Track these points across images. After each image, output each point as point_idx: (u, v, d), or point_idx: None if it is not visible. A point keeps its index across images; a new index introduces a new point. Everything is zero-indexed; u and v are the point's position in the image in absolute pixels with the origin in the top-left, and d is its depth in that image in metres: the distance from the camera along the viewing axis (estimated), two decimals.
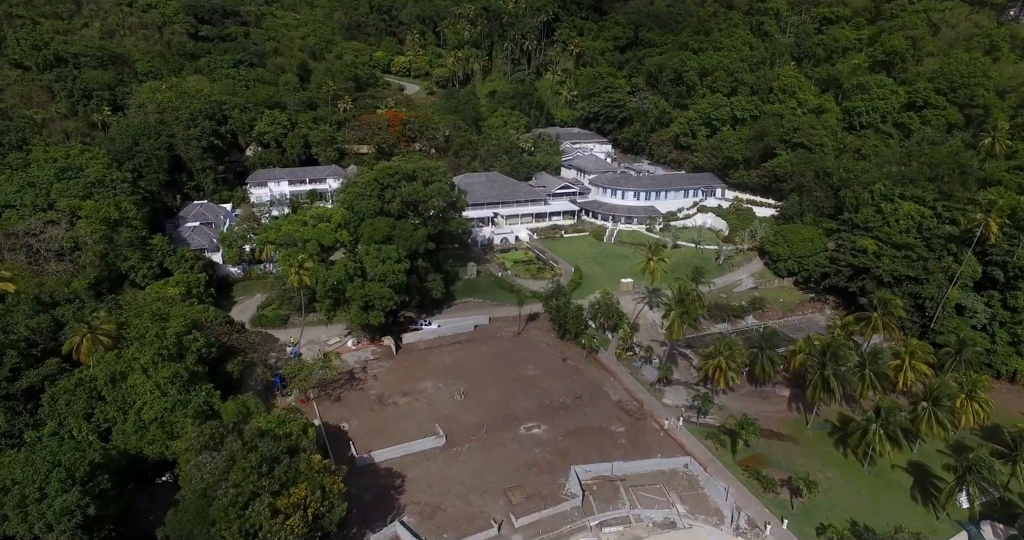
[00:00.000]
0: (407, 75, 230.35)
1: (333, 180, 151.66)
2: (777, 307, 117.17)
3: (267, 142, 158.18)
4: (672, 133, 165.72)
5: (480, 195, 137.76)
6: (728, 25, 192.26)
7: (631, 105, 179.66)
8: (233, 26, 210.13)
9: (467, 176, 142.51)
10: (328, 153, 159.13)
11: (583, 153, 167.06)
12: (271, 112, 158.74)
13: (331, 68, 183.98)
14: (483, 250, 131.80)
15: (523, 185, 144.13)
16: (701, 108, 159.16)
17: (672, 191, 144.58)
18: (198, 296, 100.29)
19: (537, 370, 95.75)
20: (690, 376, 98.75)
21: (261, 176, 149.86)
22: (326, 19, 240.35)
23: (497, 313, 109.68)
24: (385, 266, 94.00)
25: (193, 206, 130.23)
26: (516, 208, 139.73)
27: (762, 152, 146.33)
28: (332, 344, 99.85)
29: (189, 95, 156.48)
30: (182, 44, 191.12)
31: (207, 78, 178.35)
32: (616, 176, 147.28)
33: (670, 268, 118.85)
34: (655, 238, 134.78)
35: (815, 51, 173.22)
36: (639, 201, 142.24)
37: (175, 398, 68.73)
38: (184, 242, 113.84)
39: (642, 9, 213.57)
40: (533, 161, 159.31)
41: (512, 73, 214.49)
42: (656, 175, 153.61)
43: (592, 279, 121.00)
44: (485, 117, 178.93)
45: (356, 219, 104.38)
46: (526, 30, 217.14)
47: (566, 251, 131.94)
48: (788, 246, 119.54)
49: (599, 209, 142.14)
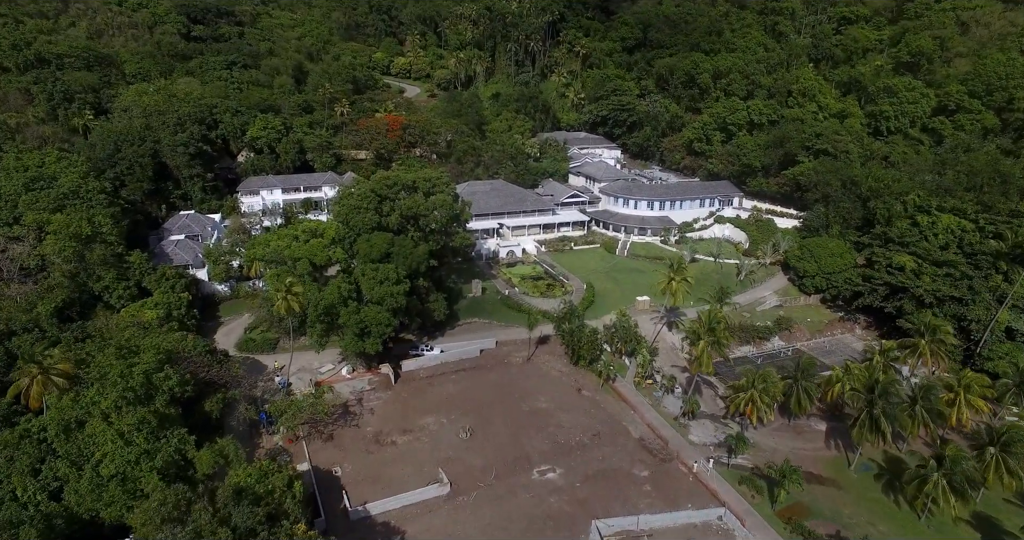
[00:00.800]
0: (407, 77, 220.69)
1: (329, 188, 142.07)
2: (804, 327, 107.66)
3: (260, 148, 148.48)
4: (685, 138, 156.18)
5: (484, 205, 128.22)
6: (741, 25, 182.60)
7: (641, 109, 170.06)
8: (227, 26, 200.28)
9: (470, 184, 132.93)
10: (324, 159, 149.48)
11: (592, 159, 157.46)
12: (264, 116, 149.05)
13: (328, 70, 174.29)
14: (488, 264, 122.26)
15: (530, 194, 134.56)
16: (716, 112, 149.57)
17: (687, 200, 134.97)
18: (179, 318, 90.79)
19: (550, 402, 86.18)
20: (715, 407, 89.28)
21: (253, 184, 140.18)
22: (324, 19, 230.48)
23: (504, 335, 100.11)
24: (383, 288, 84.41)
25: (179, 217, 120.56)
26: (523, 218, 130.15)
27: (782, 159, 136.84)
28: (325, 372, 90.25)
29: (178, 98, 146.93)
30: (173, 44, 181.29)
31: (198, 80, 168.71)
32: (628, 184, 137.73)
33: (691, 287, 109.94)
34: (671, 251, 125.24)
35: (833, 52, 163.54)
36: (653, 211, 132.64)
37: (141, 448, 59.14)
38: (166, 258, 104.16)
39: (650, 9, 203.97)
40: (539, 168, 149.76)
41: (516, 75, 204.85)
42: (670, 183, 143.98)
43: (606, 297, 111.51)
44: (488, 121, 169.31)
45: (351, 234, 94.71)
46: (530, 31, 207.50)
47: (576, 265, 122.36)
48: (815, 261, 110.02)
49: (610, 219, 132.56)
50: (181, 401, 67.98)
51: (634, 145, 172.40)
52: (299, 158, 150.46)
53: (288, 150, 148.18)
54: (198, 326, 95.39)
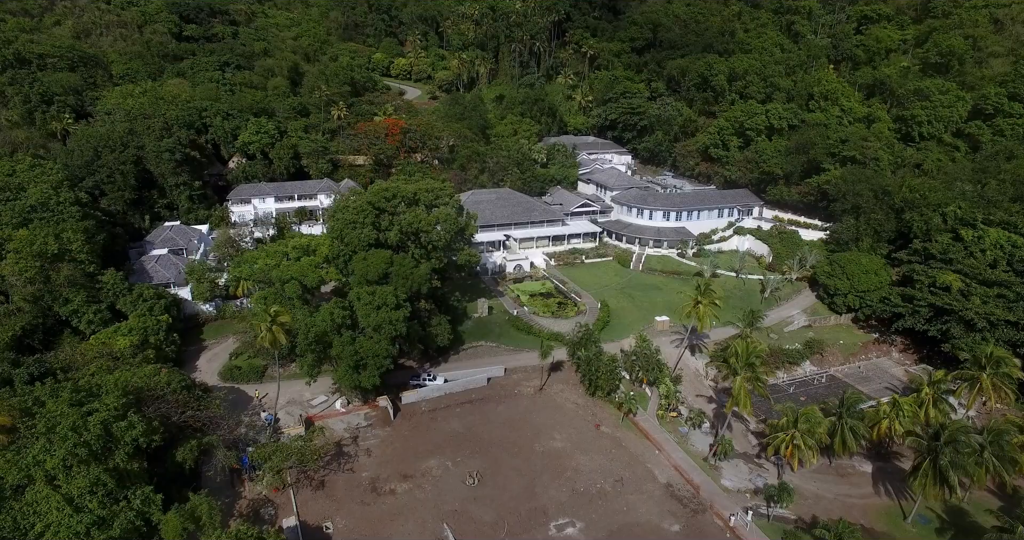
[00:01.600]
0: (408, 78, 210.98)
1: (324, 196, 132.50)
2: (837, 350, 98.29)
3: (252, 153, 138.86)
4: (700, 143, 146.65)
5: (490, 215, 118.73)
6: (756, 25, 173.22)
7: (652, 112, 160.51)
8: (220, 26, 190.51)
9: (475, 193, 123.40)
10: (320, 165, 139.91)
11: (602, 165, 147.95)
12: (257, 120, 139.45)
13: (325, 71, 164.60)
14: (494, 279, 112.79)
15: (538, 203, 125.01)
16: (733, 116, 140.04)
17: (704, 210, 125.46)
18: (156, 345, 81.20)
19: (566, 441, 76.70)
20: (747, 444, 79.96)
21: (244, 192, 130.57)
22: (322, 19, 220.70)
23: (514, 361, 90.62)
24: (380, 314, 74.92)
25: (162, 229, 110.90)
26: (531, 230, 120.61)
27: (805, 166, 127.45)
28: (316, 405, 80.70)
29: (165, 101, 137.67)
30: (163, 44, 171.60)
31: (189, 81, 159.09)
32: (642, 193, 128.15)
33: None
34: (689, 265, 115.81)
35: (855, 53, 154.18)
36: (668, 222, 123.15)
37: (94, 515, 49.74)
38: (146, 275, 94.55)
39: (660, 9, 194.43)
40: (547, 175, 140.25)
41: (520, 77, 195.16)
42: (685, 192, 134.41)
43: (622, 316, 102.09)
44: (493, 125, 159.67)
45: (346, 251, 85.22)
46: (535, 31, 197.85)
47: (588, 280, 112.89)
48: (847, 278, 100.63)
49: (623, 231, 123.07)
50: (148, 451, 58.55)
51: (645, 150, 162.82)
52: (294, 164, 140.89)
53: (282, 156, 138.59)
54: (178, 352, 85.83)
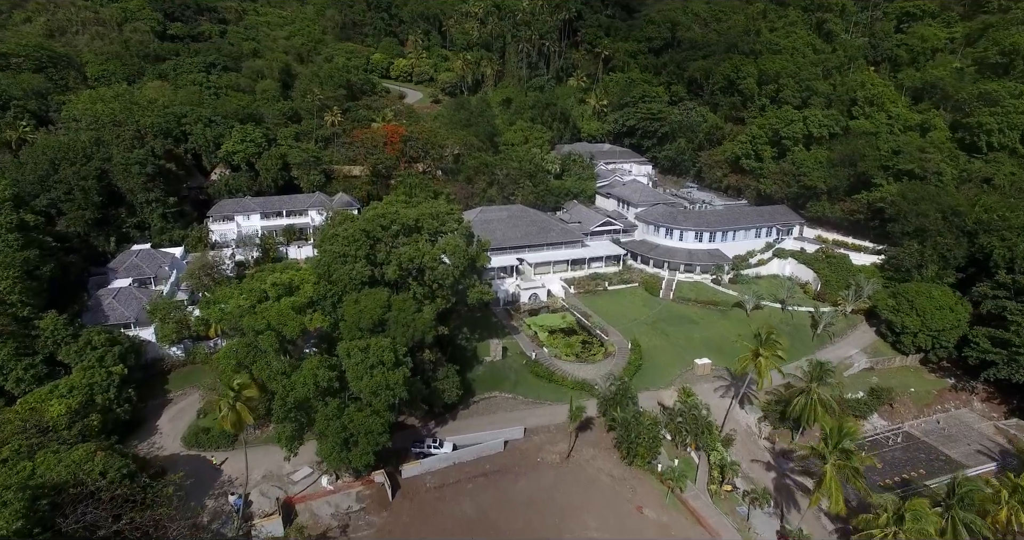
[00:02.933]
0: (408, 80, 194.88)
1: (316, 212, 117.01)
2: (909, 400, 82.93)
3: (237, 164, 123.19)
4: (729, 153, 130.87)
5: (501, 236, 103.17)
6: (784, 24, 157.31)
7: (674, 118, 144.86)
8: (208, 24, 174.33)
9: (484, 211, 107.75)
10: (312, 177, 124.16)
11: (622, 177, 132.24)
12: (243, 127, 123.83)
13: (318, 73, 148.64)
14: (507, 310, 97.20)
15: (554, 222, 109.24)
16: (768, 123, 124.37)
17: (741, 230, 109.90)
18: (104, 405, 65.76)
19: (602, 530, 61.26)
20: (822, 530, 64.61)
21: (226, 208, 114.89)
22: (318, 17, 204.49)
23: (535, 418, 75.15)
24: (375, 376, 59.38)
25: (128, 254, 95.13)
26: (547, 253, 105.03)
27: (851, 180, 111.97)
28: (298, 481, 65.19)
29: (140, 106, 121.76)
30: (144, 44, 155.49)
31: (171, 84, 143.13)
32: (670, 210, 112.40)
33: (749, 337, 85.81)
34: (727, 295, 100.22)
35: (896, 54, 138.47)
36: (701, 243, 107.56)
37: None
38: (101, 315, 78.82)
39: (678, 6, 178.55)
40: (562, 187, 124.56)
41: (529, 79, 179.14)
42: (717, 208, 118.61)
43: (655, 357, 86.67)
44: (501, 132, 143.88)
45: (335, 292, 69.70)
46: (544, 30, 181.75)
47: (614, 312, 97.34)
48: (916, 315, 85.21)
49: (650, 253, 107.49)
50: None
51: (665, 159, 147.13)
52: (283, 176, 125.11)
53: (269, 167, 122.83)
54: (134, 411, 70.24)
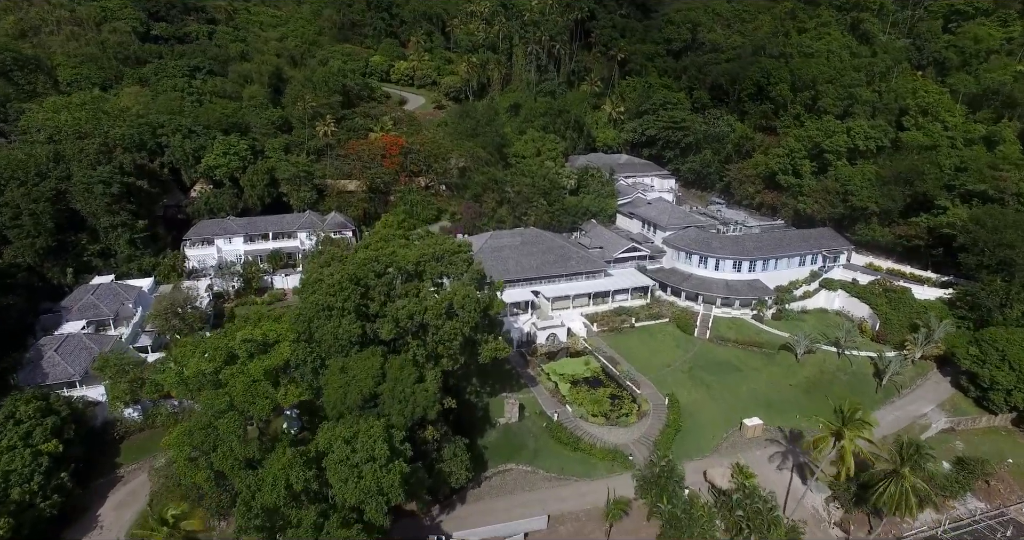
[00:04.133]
0: (410, 84, 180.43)
1: (306, 235, 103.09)
2: (1007, 473, 68.84)
3: (219, 179, 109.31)
4: (762, 168, 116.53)
5: (515, 267, 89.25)
6: (816, 25, 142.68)
7: (699, 127, 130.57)
8: (195, 24, 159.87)
9: (494, 236, 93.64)
10: (302, 194, 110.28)
11: (645, 193, 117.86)
12: (226, 138, 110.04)
13: (312, 77, 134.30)
14: (521, 353, 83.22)
15: (573, 249, 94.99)
16: (807, 135, 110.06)
17: (784, 258, 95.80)
18: (24, 500, 52.02)
19: None
20: None
21: (206, 230, 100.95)
22: (314, 17, 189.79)
23: (559, 502, 61.25)
24: (365, 477, 45.49)
25: (84, 291, 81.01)
26: (566, 284, 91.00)
27: (907, 201, 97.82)
28: None
29: (110, 115, 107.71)
30: (123, 45, 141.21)
31: (151, 90, 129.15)
32: (702, 235, 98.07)
33: (803, 390, 72.41)
34: (773, 335, 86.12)
35: (946, 56, 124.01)
36: (739, 273, 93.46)
37: None
38: (39, 372, 64.94)
39: (698, 5, 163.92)
40: (579, 205, 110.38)
41: (538, 83, 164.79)
42: (752, 231, 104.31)
43: (696, 414, 72.84)
44: (510, 142, 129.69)
45: (316, 354, 55.84)
46: (554, 31, 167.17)
47: (643, 355, 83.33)
48: (1009, 367, 71.24)
49: (681, 284, 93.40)
50: None
51: (689, 172, 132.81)
52: (270, 193, 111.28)
53: (255, 183, 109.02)
54: (69, 499, 56.41)
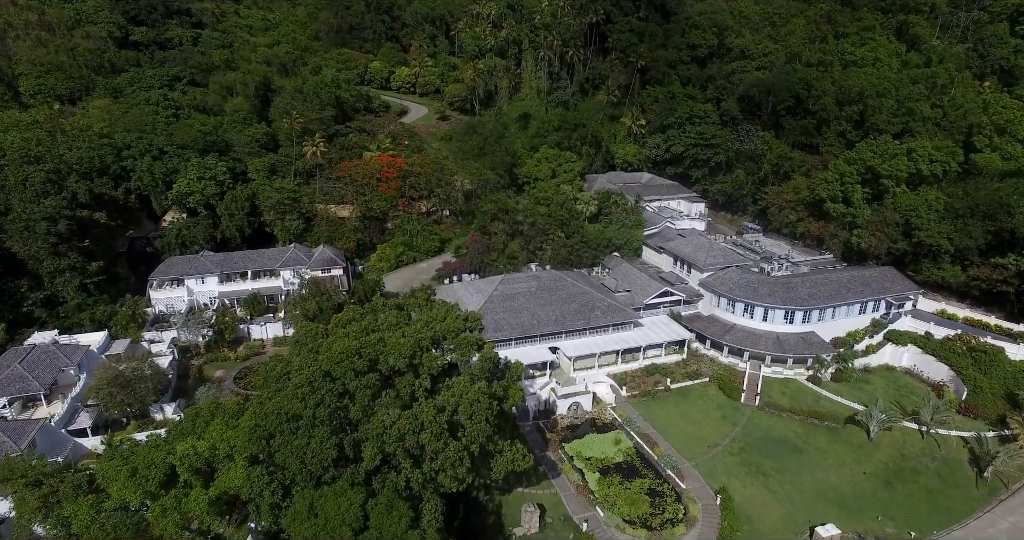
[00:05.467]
0: (411, 92, 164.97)
1: (290, 272, 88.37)
2: None
3: (194, 207, 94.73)
4: (805, 193, 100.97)
5: (530, 319, 74.48)
6: (858, 29, 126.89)
7: (731, 145, 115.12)
8: (178, 29, 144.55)
9: (506, 281, 78.64)
10: (288, 223, 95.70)
11: (674, 220, 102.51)
12: (201, 160, 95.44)
13: (302, 88, 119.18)
14: (538, 427, 68.40)
15: (597, 296, 79.82)
16: (861, 157, 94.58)
17: (842, 306, 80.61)
18: None
19: None
20: None
21: (175, 268, 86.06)
22: (310, 20, 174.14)
23: None
24: None
25: (15, 354, 66.11)
26: (590, 339, 76.19)
27: (988, 238, 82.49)
28: None
29: (68, 135, 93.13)
30: (96, 52, 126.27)
31: (125, 103, 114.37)
32: (747, 278, 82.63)
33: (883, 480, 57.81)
34: (836, 403, 71.16)
35: (1014, 64, 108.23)
36: (791, 324, 78.41)
37: None
38: None
39: (723, 7, 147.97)
40: (602, 237, 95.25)
41: (550, 92, 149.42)
42: (801, 269, 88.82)
43: (755, 517, 58.13)
44: (522, 160, 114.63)
45: (278, 483, 41.20)
46: (567, 35, 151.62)
47: (683, 429, 68.53)
48: None
49: (723, 337, 78.45)
50: None
51: (719, 193, 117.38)
52: (250, 222, 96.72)
53: (234, 211, 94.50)
54: None
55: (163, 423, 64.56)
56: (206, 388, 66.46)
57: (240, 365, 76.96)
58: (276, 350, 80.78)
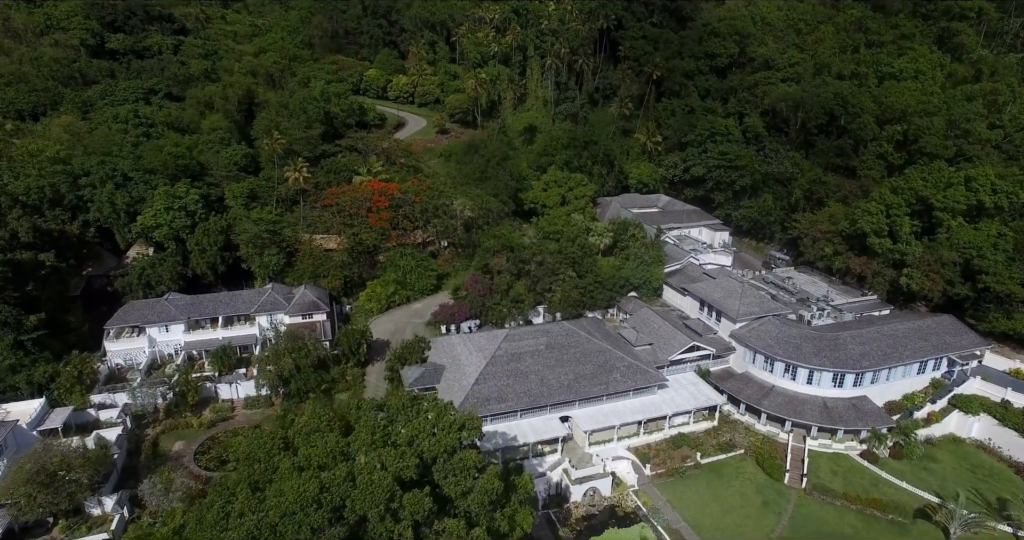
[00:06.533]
0: (410, 101, 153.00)
1: (265, 318, 77.04)
2: None
3: (161, 240, 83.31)
4: (843, 223, 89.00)
5: (539, 385, 62.91)
6: (894, 37, 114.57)
7: (758, 166, 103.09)
8: (158, 35, 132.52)
9: (511, 338, 66.83)
10: (267, 258, 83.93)
11: (697, 253, 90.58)
12: (171, 187, 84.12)
13: (288, 103, 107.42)
14: (549, 520, 57.00)
15: (616, 354, 67.92)
16: (911, 186, 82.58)
17: (899, 366, 68.78)
18: None
19: None
20: None
21: (135, 314, 74.65)
22: (302, 24, 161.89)
23: None
24: None
25: None
26: (608, 406, 64.57)
27: None
28: None
29: (15, 161, 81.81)
30: (64, 62, 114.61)
31: (94, 119, 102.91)
32: (787, 332, 70.57)
33: None
34: (901, 489, 59.51)
35: None
36: (840, 388, 66.72)
37: None
38: None
39: (744, 13, 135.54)
40: (618, 277, 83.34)
41: (557, 103, 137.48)
42: (844, 317, 77.02)
43: None
44: (528, 182, 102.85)
45: None
46: (576, 42, 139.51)
47: (717, 519, 56.99)
48: None
49: (761, 401, 66.77)
50: None
51: (744, 219, 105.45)
52: (226, 257, 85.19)
53: (206, 245, 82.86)
54: None
55: (101, 519, 53.47)
56: (150, 482, 54.89)
57: (204, 435, 65.52)
58: (247, 415, 69.66)
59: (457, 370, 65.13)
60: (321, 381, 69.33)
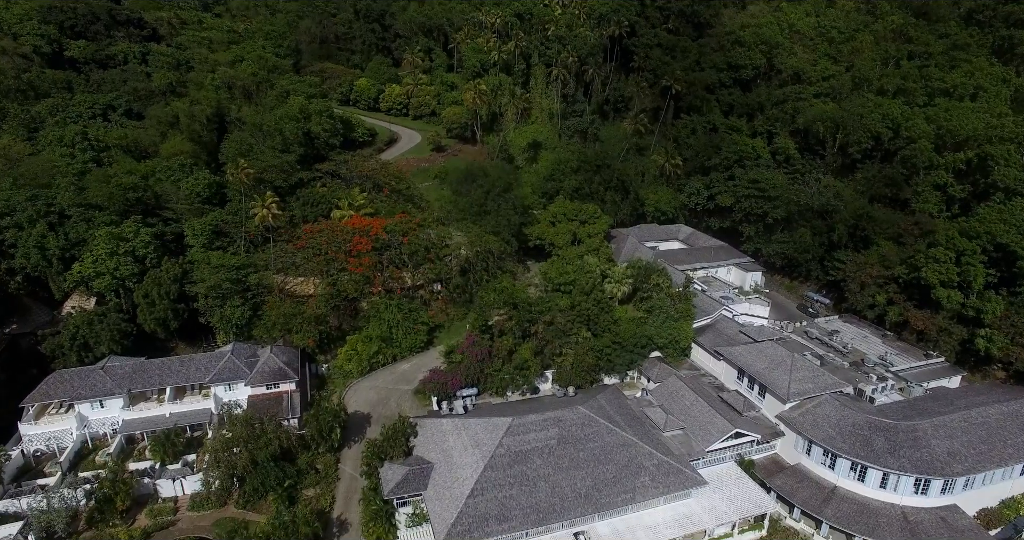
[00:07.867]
0: (403, 114, 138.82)
1: (224, 389, 63.55)
2: None
3: (102, 291, 69.68)
4: (900, 269, 75.18)
5: (549, 496, 49.39)
6: (945, 47, 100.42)
7: (794, 197, 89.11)
8: (125, 42, 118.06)
9: (515, 430, 52.84)
10: (230, 311, 70.10)
11: (730, 304, 76.69)
12: (117, 227, 70.67)
13: (262, 123, 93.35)
14: None
15: (644, 449, 54.14)
16: (987, 229, 68.81)
17: (998, 468, 55.02)
18: None
19: None
20: None
21: (61, 387, 61.12)
22: (290, 29, 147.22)
23: None
24: None
25: None
26: (634, 516, 51.03)
27: None
28: None
29: None
30: (10, 71, 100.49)
31: (41, 141, 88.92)
32: (850, 415, 56.51)
33: None
34: None
35: None
36: (923, 496, 53.14)
37: None
38: None
39: (770, 20, 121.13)
40: (639, 335, 69.50)
41: (564, 117, 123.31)
42: (914, 391, 63.41)
43: None
44: (533, 214, 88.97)
45: None
46: (584, 51, 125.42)
47: None
48: None
49: (821, 508, 53.14)
50: None
51: (776, 255, 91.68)
52: (181, 310, 71.57)
53: (155, 298, 69.21)
54: None
55: None
56: None
57: None
58: (193, 518, 55.95)
59: (448, 472, 51.61)
60: (284, 476, 55.79)
